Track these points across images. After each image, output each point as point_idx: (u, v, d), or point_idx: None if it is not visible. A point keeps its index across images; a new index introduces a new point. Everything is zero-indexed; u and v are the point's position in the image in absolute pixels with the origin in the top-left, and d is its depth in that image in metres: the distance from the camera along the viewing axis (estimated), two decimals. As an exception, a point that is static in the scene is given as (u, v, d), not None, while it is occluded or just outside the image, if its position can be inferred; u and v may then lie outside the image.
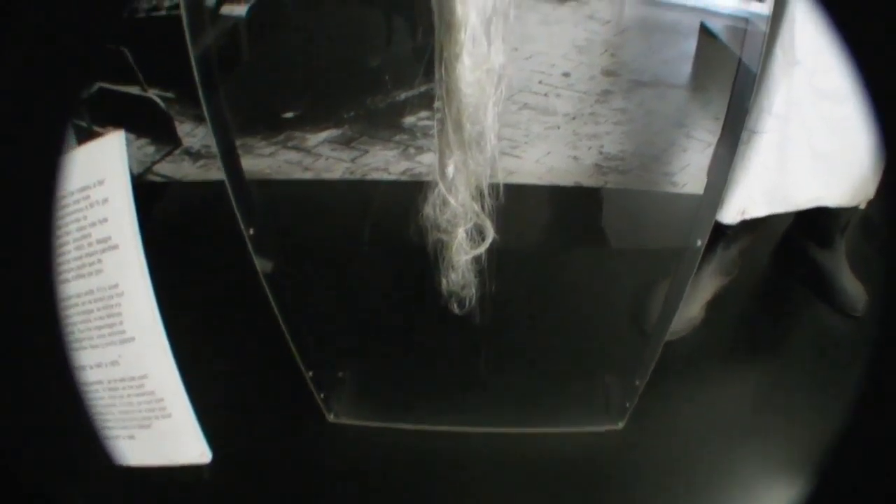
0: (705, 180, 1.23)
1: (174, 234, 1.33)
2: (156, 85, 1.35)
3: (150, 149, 1.42)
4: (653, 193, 1.26)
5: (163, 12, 1.37)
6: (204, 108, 1.25)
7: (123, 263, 0.94)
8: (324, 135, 1.20)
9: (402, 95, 1.17)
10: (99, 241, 0.93)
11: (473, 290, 0.98)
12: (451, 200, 0.92)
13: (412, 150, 1.17)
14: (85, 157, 0.99)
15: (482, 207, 0.94)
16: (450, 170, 0.92)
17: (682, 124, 1.24)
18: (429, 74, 0.93)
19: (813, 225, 1.28)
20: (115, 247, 0.93)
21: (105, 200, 0.94)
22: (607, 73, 1.20)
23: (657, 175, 1.25)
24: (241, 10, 1.28)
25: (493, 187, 0.93)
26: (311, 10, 1.24)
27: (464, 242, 0.95)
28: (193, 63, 1.26)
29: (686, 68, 1.31)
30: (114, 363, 0.91)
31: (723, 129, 1.08)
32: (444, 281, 0.97)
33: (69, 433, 0.41)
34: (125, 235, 0.94)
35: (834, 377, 1.14)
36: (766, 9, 1.56)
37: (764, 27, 1.43)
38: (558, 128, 1.18)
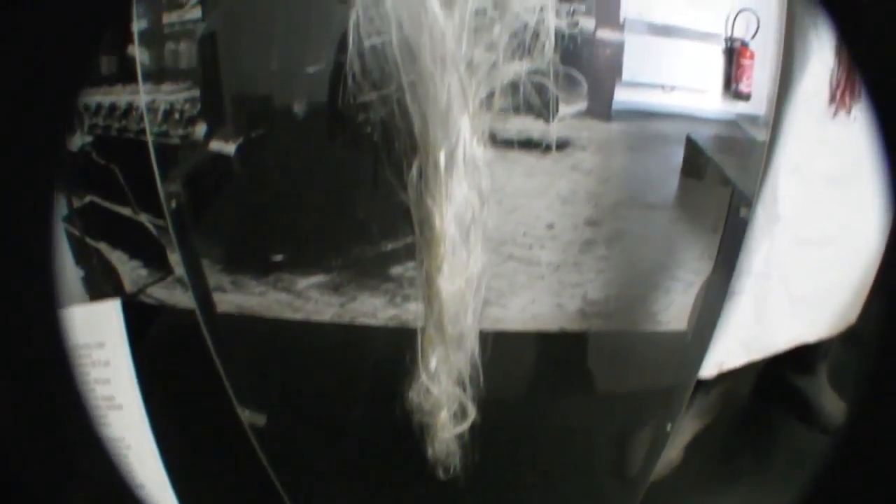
0: (689, 313, 1.27)
1: (166, 365, 1.36)
2: (148, 210, 1.36)
3: (143, 271, 1.44)
4: (637, 334, 1.28)
5: (152, 136, 1.38)
6: (177, 248, 1.28)
7: (128, 421, 0.98)
8: (312, 279, 1.22)
9: (389, 246, 1.19)
10: (104, 399, 0.96)
11: (458, 459, 1.01)
12: (434, 390, 0.95)
13: (399, 299, 1.19)
14: (83, 319, 1.01)
15: (464, 391, 0.97)
16: (432, 363, 0.95)
17: (666, 266, 1.26)
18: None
19: (793, 355, 1.31)
20: (119, 406, 0.97)
21: (106, 363, 0.98)
22: (590, 222, 1.21)
23: (641, 315, 1.27)
24: (230, 148, 1.29)
25: (475, 376, 0.96)
26: (300, 156, 1.25)
27: (447, 422, 0.98)
28: (163, 198, 1.28)
29: (672, 185, 1.33)
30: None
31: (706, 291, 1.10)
32: (429, 450, 1.01)
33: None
34: (128, 396, 0.97)
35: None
36: (753, 109, 1.58)
37: (752, 133, 1.45)
38: (542, 278, 1.20)
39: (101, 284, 1.51)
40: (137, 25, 1.39)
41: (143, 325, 1.38)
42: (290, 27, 1.24)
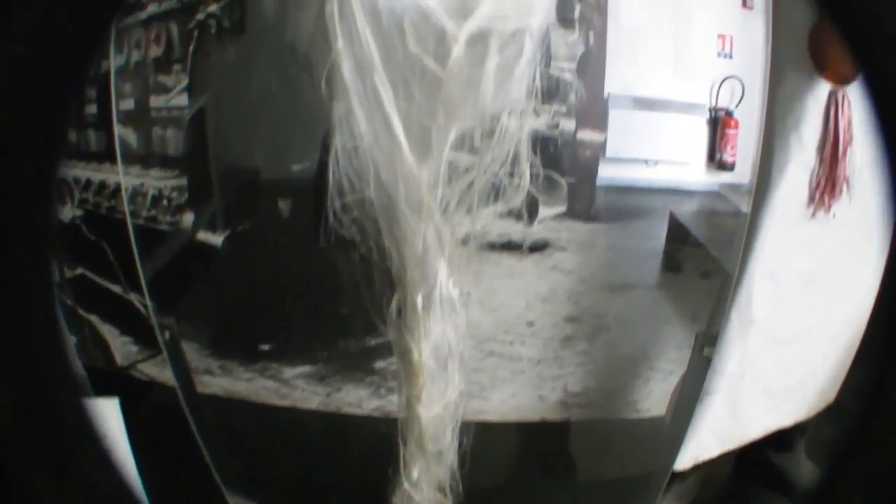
0: (668, 400, 1.29)
1: (156, 448, 1.39)
2: (137, 290, 1.39)
3: (134, 347, 1.47)
4: (617, 421, 1.31)
5: (140, 220, 1.40)
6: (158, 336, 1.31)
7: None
8: (299, 369, 1.25)
9: (373, 342, 1.22)
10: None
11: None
12: (417, 497, 0.99)
13: (383, 391, 1.22)
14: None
15: (445, 496, 1.00)
16: (414, 474, 0.98)
17: (646, 356, 1.29)
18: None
19: (770, 435, 1.34)
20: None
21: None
22: (570, 319, 1.24)
23: (621, 403, 1.30)
24: (217, 239, 1.31)
25: (455, 485, 0.99)
26: (285, 251, 1.27)
27: (430, 523, 1.02)
28: (145, 287, 1.30)
29: (652, 279, 1.36)
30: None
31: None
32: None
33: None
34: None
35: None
36: (737, 178, 1.59)
37: (737, 203, 1.47)
38: (523, 372, 1.23)
39: (92, 353, 1.53)
40: (124, 105, 1.40)
41: (134, 399, 1.41)
42: (276, 123, 1.25)
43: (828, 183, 1.17)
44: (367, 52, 0.84)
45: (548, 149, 1.15)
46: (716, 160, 1.61)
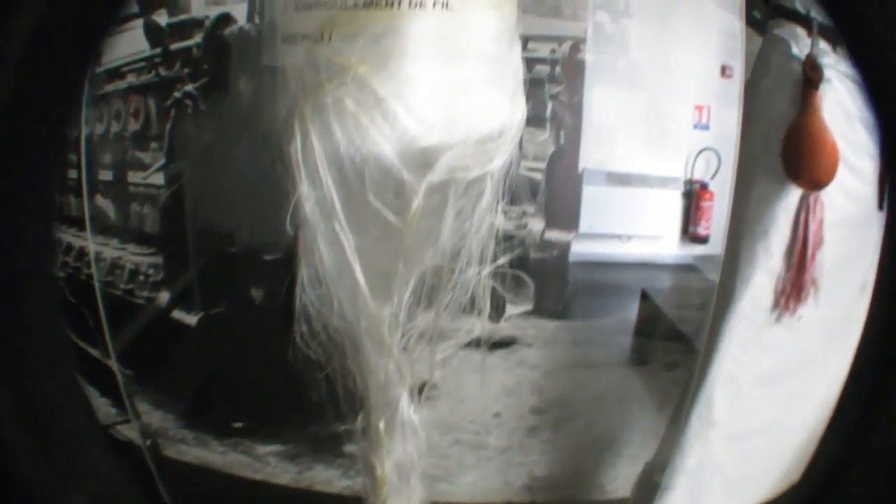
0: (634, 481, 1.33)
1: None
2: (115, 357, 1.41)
3: (112, 410, 1.50)
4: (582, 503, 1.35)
5: (118, 292, 1.42)
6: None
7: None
8: (270, 448, 1.28)
9: (342, 427, 1.24)
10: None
11: None
12: None
13: (353, 472, 1.25)
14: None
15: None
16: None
17: (612, 444, 1.32)
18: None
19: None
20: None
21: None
22: (535, 410, 1.27)
23: (586, 486, 1.33)
24: (191, 319, 1.33)
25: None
26: (256, 337, 1.30)
27: None
28: (114, 357, 1.33)
29: (622, 359, 1.39)
30: None
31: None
32: None
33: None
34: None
35: None
36: (711, 251, 1.61)
37: (710, 276, 1.48)
38: (490, 459, 1.26)
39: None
40: (103, 175, 1.41)
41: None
42: (251, 210, 1.27)
43: (794, 288, 1.19)
44: (328, 197, 0.85)
45: (515, 249, 1.17)
46: (690, 233, 1.63)
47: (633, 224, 1.52)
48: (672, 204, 1.54)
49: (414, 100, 0.80)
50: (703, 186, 1.62)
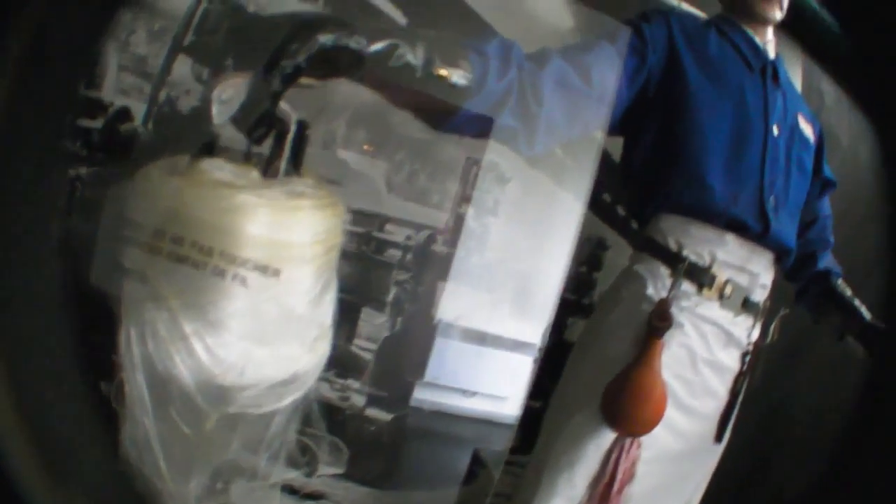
0: None
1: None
2: None
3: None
4: None
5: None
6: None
7: None
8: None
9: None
10: None
11: None
12: None
13: None
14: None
15: None
16: None
17: None
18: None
19: None
20: None
21: None
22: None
23: None
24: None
25: None
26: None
27: None
28: None
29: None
30: None
31: None
32: None
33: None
34: None
35: None
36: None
37: None
38: None
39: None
40: None
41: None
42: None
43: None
44: (139, 392, 0.92)
45: (335, 417, 1.25)
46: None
47: (480, 381, 1.60)
48: (523, 368, 1.61)
49: (215, 343, 0.87)
50: (556, 356, 1.72)
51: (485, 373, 1.58)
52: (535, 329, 1.61)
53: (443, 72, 0.96)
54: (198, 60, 1.48)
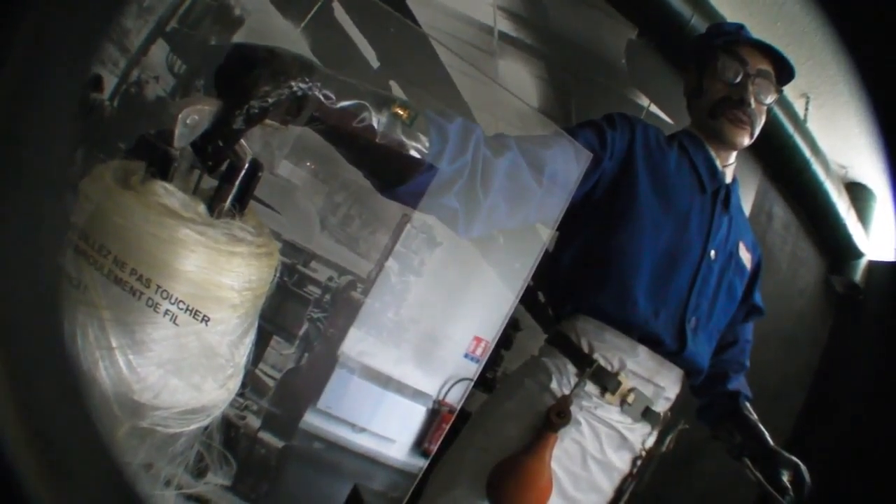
0: None
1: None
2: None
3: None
4: None
5: None
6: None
7: None
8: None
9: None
10: None
11: None
12: None
13: None
14: None
15: None
16: None
17: None
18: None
19: None
20: None
21: None
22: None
23: None
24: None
25: None
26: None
27: None
28: None
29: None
30: None
31: None
32: None
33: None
34: None
35: None
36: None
37: None
38: None
39: None
40: None
41: None
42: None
43: None
44: None
45: (230, 432, 1.29)
46: (422, 447, 1.78)
47: (371, 419, 1.66)
48: (415, 416, 1.68)
49: (137, 362, 0.92)
50: (452, 411, 1.79)
51: (377, 412, 1.64)
52: (433, 382, 1.67)
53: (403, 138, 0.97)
54: (175, 50, 1.50)
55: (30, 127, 0.44)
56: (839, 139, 2.89)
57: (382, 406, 1.57)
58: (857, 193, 3.33)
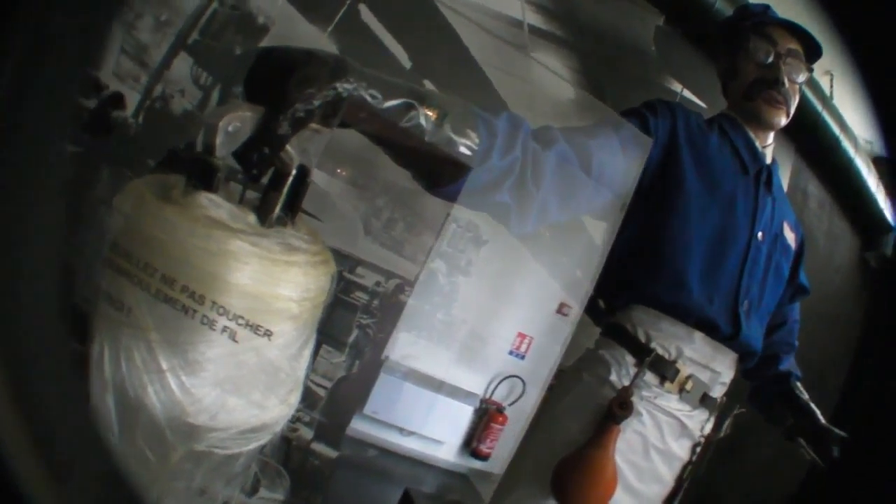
0: None
1: None
2: None
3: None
4: None
5: None
6: None
7: None
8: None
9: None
10: None
11: None
12: None
13: None
14: None
15: None
16: None
17: None
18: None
19: None
20: None
21: None
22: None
23: None
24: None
25: None
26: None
27: None
28: None
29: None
30: None
31: None
32: None
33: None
34: None
35: None
36: (487, 467, 1.72)
37: (481, 490, 1.60)
38: None
39: None
40: None
41: None
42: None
43: None
44: (107, 413, 0.91)
45: (282, 445, 1.26)
46: (472, 447, 1.76)
47: (419, 422, 1.64)
48: (463, 416, 1.65)
49: (191, 383, 0.88)
50: (499, 410, 1.76)
51: (424, 414, 1.61)
52: (479, 381, 1.65)
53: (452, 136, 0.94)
54: (199, 62, 1.47)
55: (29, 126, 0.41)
56: (863, 114, 2.85)
57: (429, 408, 1.54)
58: (884, 167, 3.30)
